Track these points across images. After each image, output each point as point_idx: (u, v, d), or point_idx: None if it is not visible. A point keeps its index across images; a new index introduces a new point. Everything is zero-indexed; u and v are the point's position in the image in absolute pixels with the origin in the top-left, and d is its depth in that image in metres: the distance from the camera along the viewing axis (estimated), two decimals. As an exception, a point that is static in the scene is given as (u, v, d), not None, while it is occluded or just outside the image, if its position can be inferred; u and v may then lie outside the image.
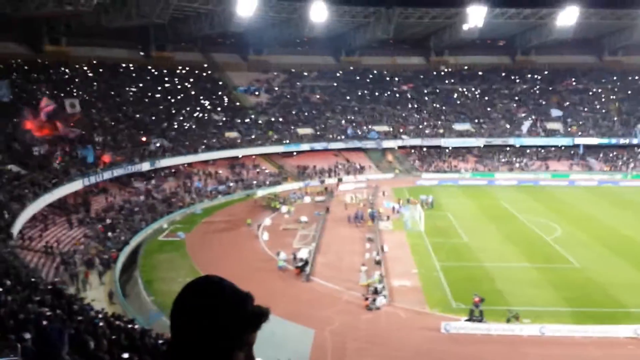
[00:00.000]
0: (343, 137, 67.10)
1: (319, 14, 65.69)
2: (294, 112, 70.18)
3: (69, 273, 29.56)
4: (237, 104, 69.58)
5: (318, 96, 74.35)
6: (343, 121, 69.94)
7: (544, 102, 76.05)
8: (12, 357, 3.94)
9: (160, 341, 15.40)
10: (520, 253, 35.71)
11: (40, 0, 44.69)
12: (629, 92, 76.81)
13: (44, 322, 10.80)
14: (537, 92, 78.65)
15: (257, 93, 72.64)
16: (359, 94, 75.95)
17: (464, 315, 25.61)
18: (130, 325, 17.76)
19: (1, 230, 27.21)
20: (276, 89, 74.71)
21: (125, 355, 10.30)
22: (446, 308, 27.16)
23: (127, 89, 62.07)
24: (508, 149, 69.93)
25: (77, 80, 58.69)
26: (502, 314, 25.44)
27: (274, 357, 17.46)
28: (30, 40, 59.89)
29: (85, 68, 61.60)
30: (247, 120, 66.22)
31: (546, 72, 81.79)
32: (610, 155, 68.43)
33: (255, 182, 57.56)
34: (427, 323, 25.45)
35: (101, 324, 14.78)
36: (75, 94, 54.29)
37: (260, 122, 66.39)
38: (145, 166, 49.51)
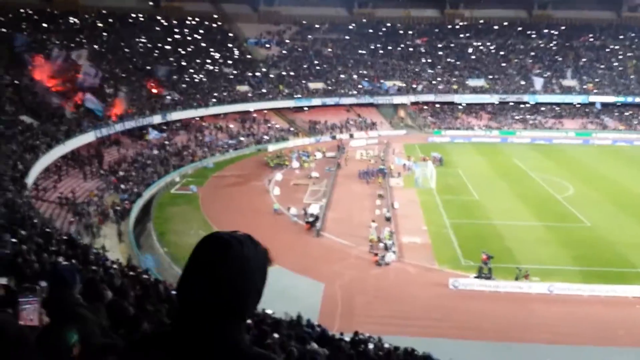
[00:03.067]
0: (355, 92, 66.31)
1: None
2: (305, 66, 69.26)
3: (83, 223, 29.99)
4: (248, 56, 68.70)
5: (330, 49, 73.14)
6: (355, 76, 68.98)
7: (560, 59, 74.39)
8: (31, 297, 4.01)
9: (174, 292, 15.67)
10: (531, 211, 35.63)
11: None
12: (648, 49, 74.80)
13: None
14: (554, 48, 76.83)
15: (268, 45, 71.57)
16: (372, 47, 74.60)
17: (473, 272, 25.83)
18: (144, 276, 18.06)
19: (15, 180, 27.42)
20: (287, 41, 73.49)
21: (139, 305, 10.50)
22: (455, 265, 27.37)
23: (137, 40, 61.36)
24: (522, 106, 68.87)
25: (86, 30, 58.07)
26: (511, 272, 25.61)
27: (285, 310, 17.74)
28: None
29: (95, 18, 60.80)
30: (258, 73, 65.47)
31: (563, 28, 79.60)
32: (626, 114, 67.25)
33: (266, 136, 57.38)
34: (436, 279, 25.72)
35: (113, 273, 14.99)
36: (85, 45, 53.79)
37: (271, 75, 65.65)
38: (157, 119, 49.45)
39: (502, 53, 75.57)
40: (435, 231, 31.97)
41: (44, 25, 54.68)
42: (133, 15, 65.00)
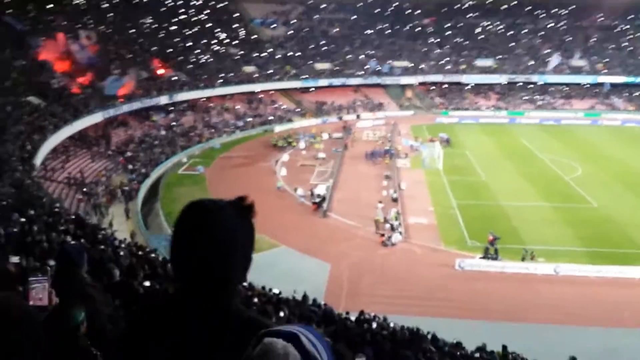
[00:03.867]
0: (362, 72, 65.88)
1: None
2: (311, 47, 68.78)
3: (91, 203, 30.23)
4: (254, 37, 68.24)
5: (336, 29, 72.52)
6: (362, 56, 68.47)
7: (569, 39, 73.42)
8: (40, 276, 4.09)
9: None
10: (538, 192, 35.52)
11: None
12: (659, 28, 73.63)
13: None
14: (563, 28, 75.79)
15: (274, 26, 71.03)
16: (379, 27, 73.87)
17: (479, 253, 25.88)
18: (152, 255, 18.24)
19: (24, 161, 27.62)
20: (294, 21, 72.90)
21: (147, 283, 10.62)
22: (461, 245, 27.43)
23: (142, 21, 61.03)
24: (531, 86, 68.21)
25: (91, 11, 57.77)
26: (517, 253, 25.64)
27: (291, 289, 17.91)
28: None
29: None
30: (264, 54, 65.11)
31: (572, 7, 78.34)
32: (635, 94, 66.47)
33: (272, 117, 57.31)
34: (442, 260, 25.79)
35: (122, 253, 15.16)
36: (91, 26, 53.60)
37: (278, 56, 65.27)
38: (164, 99, 49.46)
39: (510, 33, 74.63)
40: (441, 212, 31.98)
41: (48, 6, 54.37)
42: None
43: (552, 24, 76.07)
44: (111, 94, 43.34)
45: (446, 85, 68.52)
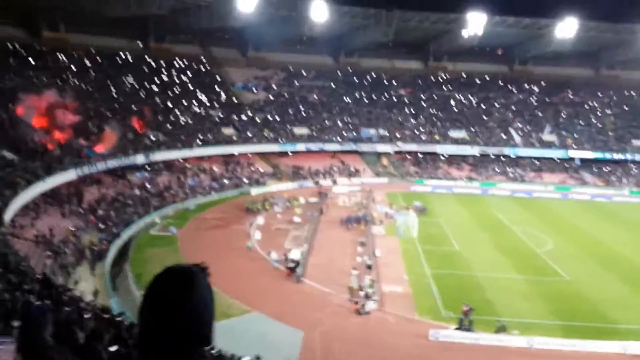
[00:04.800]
0: (339, 138, 67.00)
1: (319, 12, 65.91)
2: (291, 111, 70.04)
3: (59, 263, 29.32)
4: (235, 100, 69.30)
5: (316, 96, 74.25)
6: (340, 123, 69.86)
7: (540, 114, 76.35)
8: (5, 339, 3.91)
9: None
10: (511, 264, 35.76)
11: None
12: (625, 107, 77.25)
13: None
14: (534, 102, 78.97)
15: (255, 90, 72.42)
16: (357, 96, 75.94)
17: (453, 323, 25.62)
18: (118, 319, 17.59)
19: (-8, 216, 26.90)
20: (274, 87, 74.50)
21: (113, 348, 10.19)
22: (436, 315, 27.17)
23: (124, 79, 61.65)
24: (503, 158, 70.06)
25: (73, 68, 58.22)
26: (491, 324, 25.48)
27: (262, 357, 17.34)
28: (28, 25, 59.33)
29: (83, 56, 61.11)
30: (244, 117, 65.97)
31: (543, 83, 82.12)
32: (604, 169, 68.71)
33: (248, 180, 57.38)
34: (416, 330, 25.43)
35: (87, 316, 14.59)
36: (72, 83, 53.86)
37: (257, 119, 66.16)
38: (140, 159, 49.21)
39: (483, 106, 77.37)
40: (416, 280, 31.84)
41: (32, 62, 54.72)
42: (122, 54, 65.48)
43: (523, 99, 79.22)
44: (90, 154, 43.10)
45: (421, 155, 69.90)
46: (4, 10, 55.32)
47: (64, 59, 59.03)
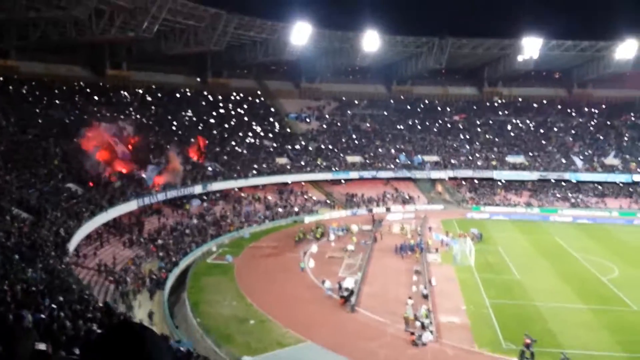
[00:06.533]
0: (392, 166, 66.73)
1: (371, 43, 66.36)
2: (343, 140, 70.49)
3: (120, 291, 30.25)
4: (288, 130, 70.51)
5: (368, 124, 74.50)
6: (393, 150, 69.64)
7: (601, 137, 73.64)
8: None
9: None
10: (575, 293, 34.22)
11: (104, 27, 46.85)
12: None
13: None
14: (594, 126, 76.32)
15: (308, 120, 73.46)
16: (410, 123, 75.67)
17: (514, 356, 24.65)
18: (176, 346, 17.90)
19: (57, 246, 28.17)
20: (327, 116, 75.36)
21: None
22: (496, 348, 26.18)
23: (183, 113, 63.96)
24: (564, 183, 67.71)
25: (135, 103, 60.96)
26: (554, 357, 24.31)
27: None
28: (93, 64, 62.88)
29: (144, 92, 63.96)
30: (297, 146, 66.89)
31: (604, 106, 79.33)
32: (673, 194, 65.18)
33: (302, 208, 57.79)
34: (476, 362, 24.60)
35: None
36: (134, 117, 56.30)
37: (310, 148, 66.93)
38: (198, 189, 50.54)
39: (541, 130, 75.39)
40: (474, 311, 30.89)
41: (96, 98, 57.70)
42: (181, 90, 68.15)
43: (583, 123, 76.68)
44: (149, 184, 44.58)
45: (477, 181, 68.54)
46: (72, 53, 59.24)
47: (126, 95, 61.94)
